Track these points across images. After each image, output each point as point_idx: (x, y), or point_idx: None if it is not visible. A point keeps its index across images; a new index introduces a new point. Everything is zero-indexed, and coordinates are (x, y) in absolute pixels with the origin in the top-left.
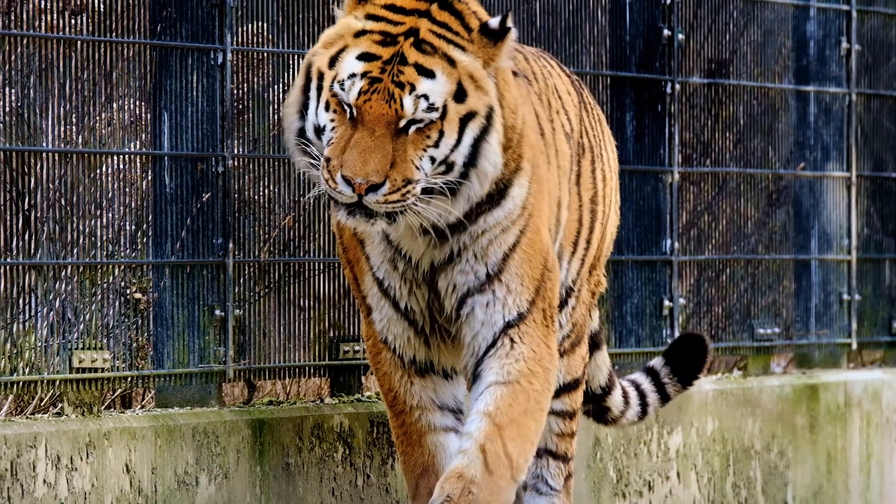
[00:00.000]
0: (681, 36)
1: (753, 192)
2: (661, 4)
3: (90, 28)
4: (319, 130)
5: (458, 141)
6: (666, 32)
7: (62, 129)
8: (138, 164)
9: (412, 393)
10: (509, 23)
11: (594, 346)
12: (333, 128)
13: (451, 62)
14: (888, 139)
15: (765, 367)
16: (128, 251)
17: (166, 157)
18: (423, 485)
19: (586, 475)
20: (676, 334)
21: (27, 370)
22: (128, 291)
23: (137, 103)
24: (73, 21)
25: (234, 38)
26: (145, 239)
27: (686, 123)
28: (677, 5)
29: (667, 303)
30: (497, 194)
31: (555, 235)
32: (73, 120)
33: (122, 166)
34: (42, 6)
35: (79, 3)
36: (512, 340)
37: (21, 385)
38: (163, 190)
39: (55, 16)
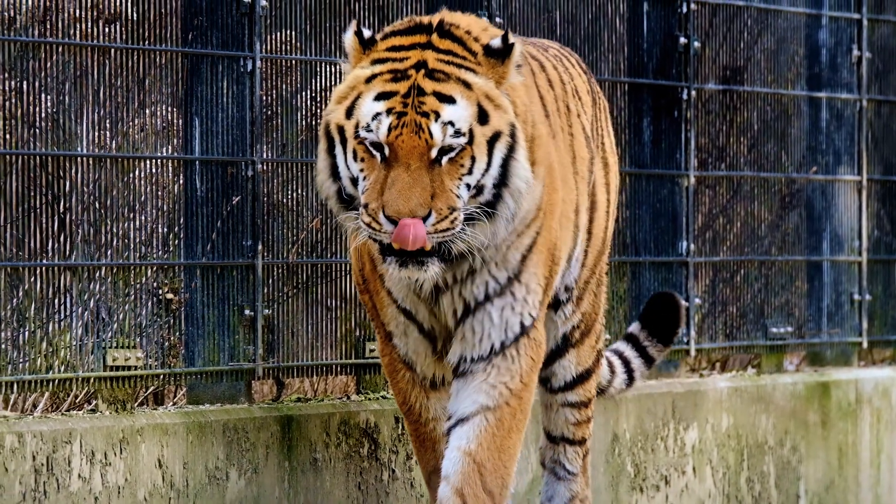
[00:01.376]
0: (697, 44)
1: (767, 196)
2: (678, 13)
3: (123, 36)
4: (354, 181)
5: (489, 163)
6: (682, 40)
7: (96, 134)
8: (170, 169)
9: (427, 406)
10: (511, 39)
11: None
12: (365, 176)
13: (467, 86)
14: None
15: (778, 366)
16: (160, 253)
17: (197, 162)
18: (435, 479)
19: (605, 470)
20: (693, 333)
21: (63, 368)
22: (160, 292)
23: (169, 109)
24: (106, 29)
25: (263, 46)
26: (177, 241)
27: (702, 129)
28: (693, 14)
29: (683, 303)
30: None
31: (575, 239)
32: (107, 125)
33: (154, 170)
34: (77, 15)
35: (112, 12)
36: (517, 352)
37: (57, 383)
38: (194, 193)
39: (89, 24)
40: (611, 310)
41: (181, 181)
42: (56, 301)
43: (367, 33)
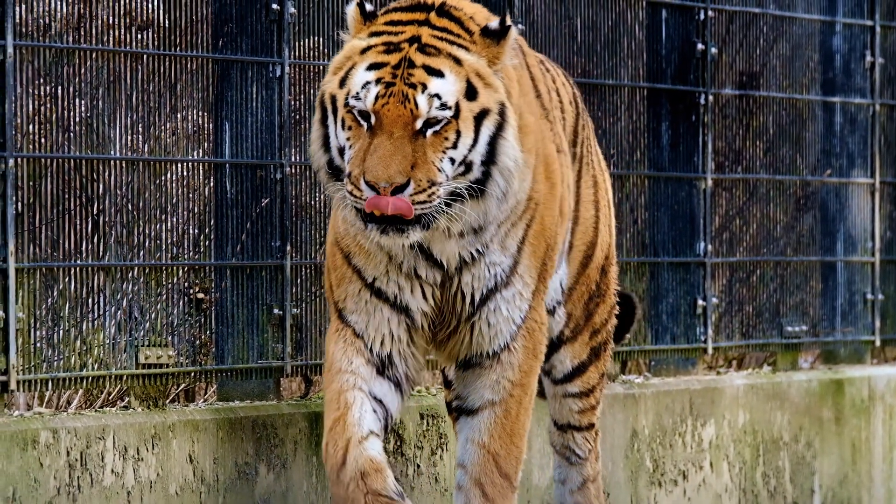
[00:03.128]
0: (714, 50)
1: (782, 198)
2: (696, 20)
3: (155, 43)
4: (342, 151)
5: (476, 140)
6: (700, 46)
7: (129, 138)
8: (201, 172)
9: (348, 361)
10: (509, 22)
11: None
12: (351, 145)
13: (458, 61)
14: None
15: (793, 363)
16: (191, 253)
17: (227, 165)
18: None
19: (624, 465)
20: (710, 332)
21: (96, 366)
22: (191, 291)
23: (200, 114)
24: (139, 36)
25: (292, 52)
26: (207, 242)
27: (719, 133)
28: (710, 21)
29: (700, 302)
30: None
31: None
32: (140, 129)
33: (185, 173)
34: (110, 22)
35: (145, 19)
36: (514, 347)
37: (90, 380)
38: (224, 196)
39: (122, 31)
40: None
41: (211, 184)
42: (90, 301)
43: (369, 7)
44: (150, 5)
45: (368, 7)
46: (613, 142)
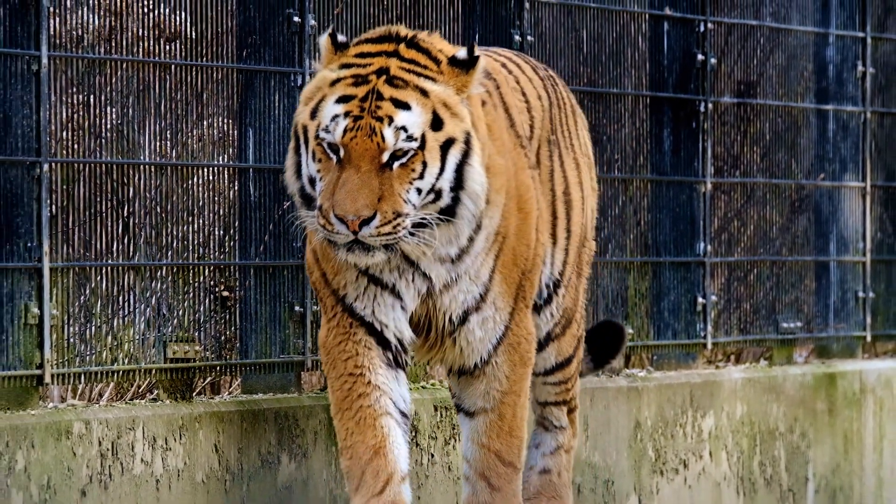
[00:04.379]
0: (713, 60)
1: (778, 201)
2: (696, 32)
3: (183, 53)
4: (312, 182)
5: (442, 168)
6: (700, 57)
7: (158, 144)
8: (226, 176)
9: (377, 373)
10: (477, 52)
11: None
12: (321, 177)
13: (424, 93)
14: None
15: (788, 358)
16: (216, 254)
17: (251, 170)
18: (373, 466)
19: (628, 454)
20: (709, 328)
21: (126, 360)
22: (216, 290)
23: (225, 121)
24: (167, 47)
25: (312, 62)
26: (232, 243)
27: (718, 139)
28: (710, 33)
29: (700, 300)
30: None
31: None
32: (168, 136)
33: (211, 178)
34: (140, 34)
35: (173, 31)
36: (496, 362)
37: (121, 374)
38: (248, 199)
39: (151, 42)
40: (633, 307)
41: (236, 187)
42: (120, 298)
43: (341, 38)
44: (177, 18)
45: (340, 38)
46: (618, 147)
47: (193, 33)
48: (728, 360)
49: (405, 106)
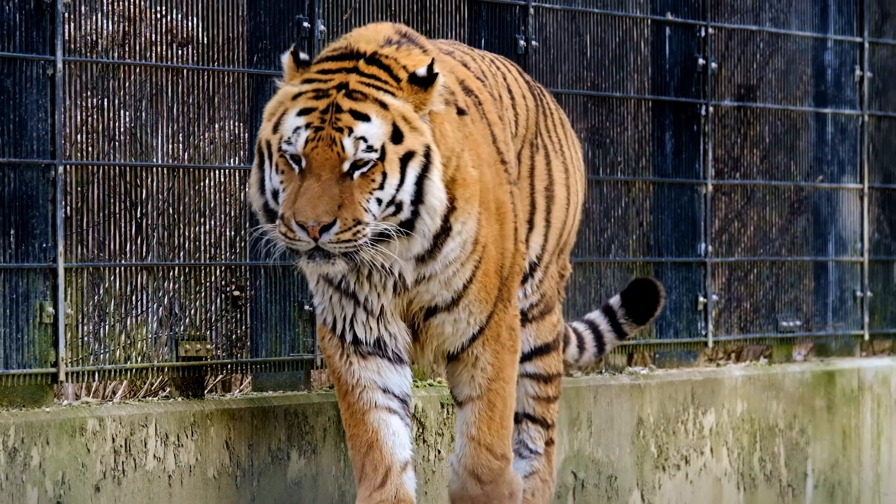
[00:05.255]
0: (714, 64)
1: (778, 202)
2: (697, 37)
3: (195, 58)
4: (276, 195)
5: (402, 180)
6: (701, 61)
7: (170, 146)
8: (237, 178)
9: (352, 372)
10: (436, 69)
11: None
12: (285, 188)
13: (384, 106)
14: None
15: (788, 356)
16: (228, 254)
17: None
18: (370, 461)
19: (630, 451)
20: (710, 327)
21: (139, 359)
22: (228, 289)
23: (236, 124)
24: (179, 52)
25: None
26: (243, 243)
27: (718, 141)
28: (711, 38)
29: (701, 299)
30: (443, 225)
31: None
32: (180, 139)
33: (222, 180)
34: (153, 39)
35: (185, 36)
36: (476, 354)
37: (134, 372)
38: None
39: (164, 47)
40: None
41: (247, 189)
42: (133, 298)
43: (302, 55)
44: (189, 23)
45: (302, 55)
46: (620, 150)
47: (205, 38)
48: (729, 359)
49: (365, 118)
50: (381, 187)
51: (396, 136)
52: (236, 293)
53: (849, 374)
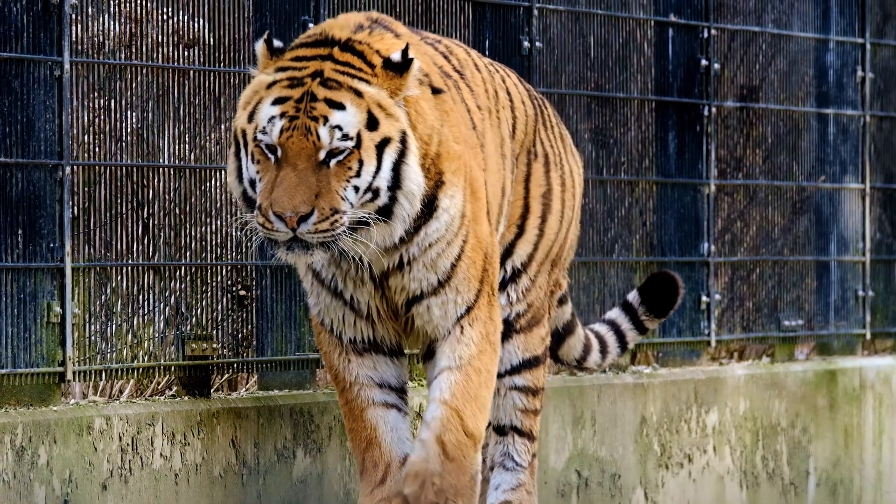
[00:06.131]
0: (717, 65)
1: (780, 202)
2: (700, 38)
3: (201, 59)
4: (253, 184)
5: (379, 167)
6: (703, 62)
7: (177, 147)
8: None
9: (349, 370)
10: (411, 54)
11: (567, 332)
12: (261, 177)
13: (358, 94)
14: None
15: (790, 355)
16: (234, 254)
17: None
18: (369, 457)
19: (634, 449)
20: (713, 326)
21: (146, 358)
22: (234, 289)
23: None
24: (186, 53)
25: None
26: (249, 243)
27: (721, 142)
28: (714, 39)
29: (704, 298)
30: (426, 208)
31: (498, 219)
32: (187, 139)
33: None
34: (159, 40)
35: (191, 37)
36: (462, 328)
37: (141, 371)
38: None
39: (170, 49)
40: None
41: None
42: (140, 297)
43: (276, 43)
44: (196, 25)
45: (276, 43)
46: (624, 150)
47: (211, 39)
48: (731, 358)
49: (339, 106)
50: (358, 175)
51: (372, 124)
52: (242, 293)
53: (850, 372)
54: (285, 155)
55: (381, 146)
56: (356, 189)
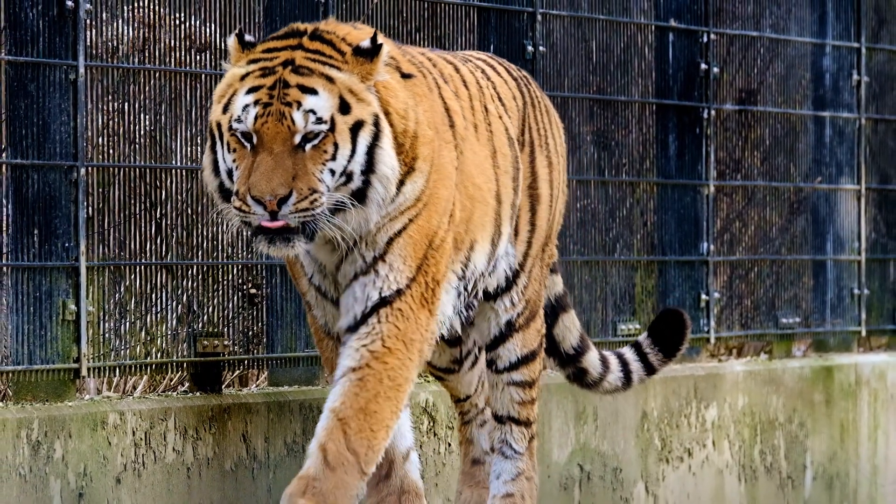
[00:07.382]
0: (716, 69)
1: (778, 203)
2: (699, 42)
3: (212, 63)
4: (230, 174)
5: (353, 150)
6: (703, 66)
7: (189, 149)
8: None
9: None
10: (380, 40)
11: (561, 308)
12: (238, 166)
13: (330, 80)
14: (893, 157)
15: (787, 352)
16: (244, 253)
17: None
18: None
19: (635, 443)
20: (712, 323)
21: (159, 355)
22: (244, 288)
23: None
24: (198, 57)
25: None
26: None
27: (720, 144)
28: (713, 43)
29: (704, 297)
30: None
31: (497, 225)
32: (199, 141)
33: None
34: (172, 45)
35: (203, 42)
36: (378, 319)
37: (154, 367)
38: None
39: (183, 53)
40: (640, 303)
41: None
42: (153, 296)
43: (248, 37)
44: (207, 30)
45: (248, 37)
46: (625, 152)
47: (222, 44)
48: (730, 354)
49: (312, 91)
50: (334, 158)
51: (344, 108)
52: (252, 291)
53: (846, 369)
54: (261, 141)
55: (355, 129)
56: (332, 172)
